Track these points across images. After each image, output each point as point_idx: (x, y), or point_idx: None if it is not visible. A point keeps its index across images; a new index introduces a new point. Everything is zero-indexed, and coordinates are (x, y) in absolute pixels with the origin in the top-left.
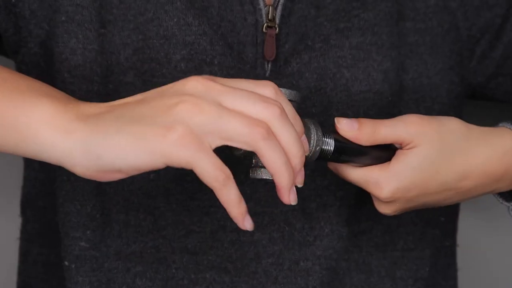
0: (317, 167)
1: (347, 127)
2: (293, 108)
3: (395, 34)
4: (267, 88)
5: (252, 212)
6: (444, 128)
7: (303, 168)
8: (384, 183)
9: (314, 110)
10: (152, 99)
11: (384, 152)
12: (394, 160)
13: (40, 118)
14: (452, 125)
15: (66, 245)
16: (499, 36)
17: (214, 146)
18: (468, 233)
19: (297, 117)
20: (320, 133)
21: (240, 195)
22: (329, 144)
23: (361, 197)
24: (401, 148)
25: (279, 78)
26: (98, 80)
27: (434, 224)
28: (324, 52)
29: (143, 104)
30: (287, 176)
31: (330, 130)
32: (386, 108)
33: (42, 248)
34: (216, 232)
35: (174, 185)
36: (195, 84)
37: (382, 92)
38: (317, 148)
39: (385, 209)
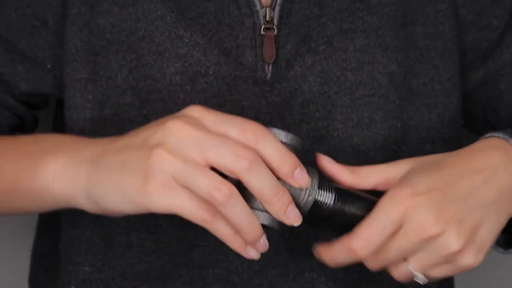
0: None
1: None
2: (280, 150)
3: (400, 37)
4: (248, 134)
5: None
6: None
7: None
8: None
9: (318, 115)
10: (134, 148)
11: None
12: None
13: (51, 176)
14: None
15: (70, 270)
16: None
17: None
18: None
19: (286, 158)
20: (315, 182)
21: (232, 229)
22: (327, 197)
23: None
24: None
25: (281, 81)
26: (90, 106)
27: None
28: (328, 55)
29: (127, 152)
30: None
31: (329, 180)
32: (394, 112)
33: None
34: (221, 246)
35: None
36: (173, 130)
37: (388, 96)
38: (310, 198)
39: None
